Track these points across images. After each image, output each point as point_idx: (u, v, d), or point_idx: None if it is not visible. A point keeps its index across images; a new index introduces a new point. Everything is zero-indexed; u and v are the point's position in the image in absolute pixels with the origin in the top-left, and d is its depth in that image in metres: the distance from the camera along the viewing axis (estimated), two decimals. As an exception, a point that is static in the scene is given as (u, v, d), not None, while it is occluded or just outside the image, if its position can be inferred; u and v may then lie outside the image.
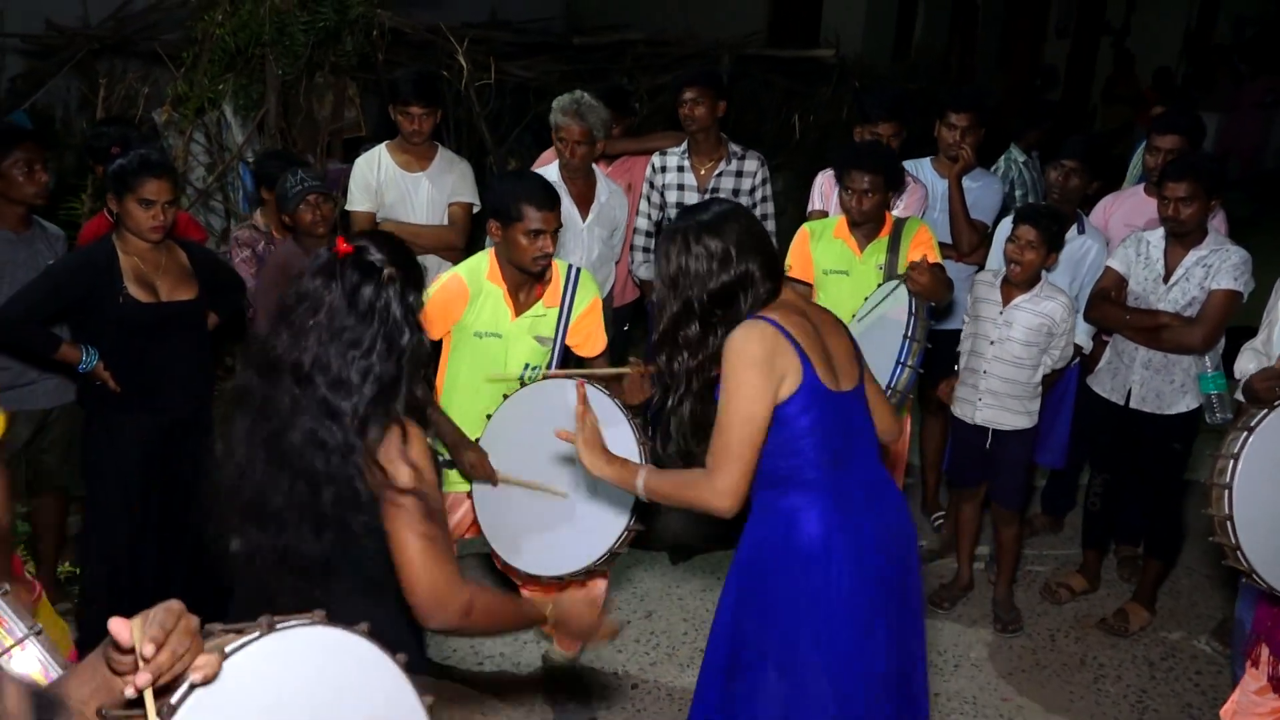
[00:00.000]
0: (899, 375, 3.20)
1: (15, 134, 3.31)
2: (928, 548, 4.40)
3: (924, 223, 3.70)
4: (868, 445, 2.36)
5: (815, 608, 2.24)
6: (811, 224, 3.81)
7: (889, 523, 2.32)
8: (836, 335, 2.34)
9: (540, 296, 3.11)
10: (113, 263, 3.10)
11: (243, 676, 1.19)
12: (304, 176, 3.43)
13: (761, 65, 8.08)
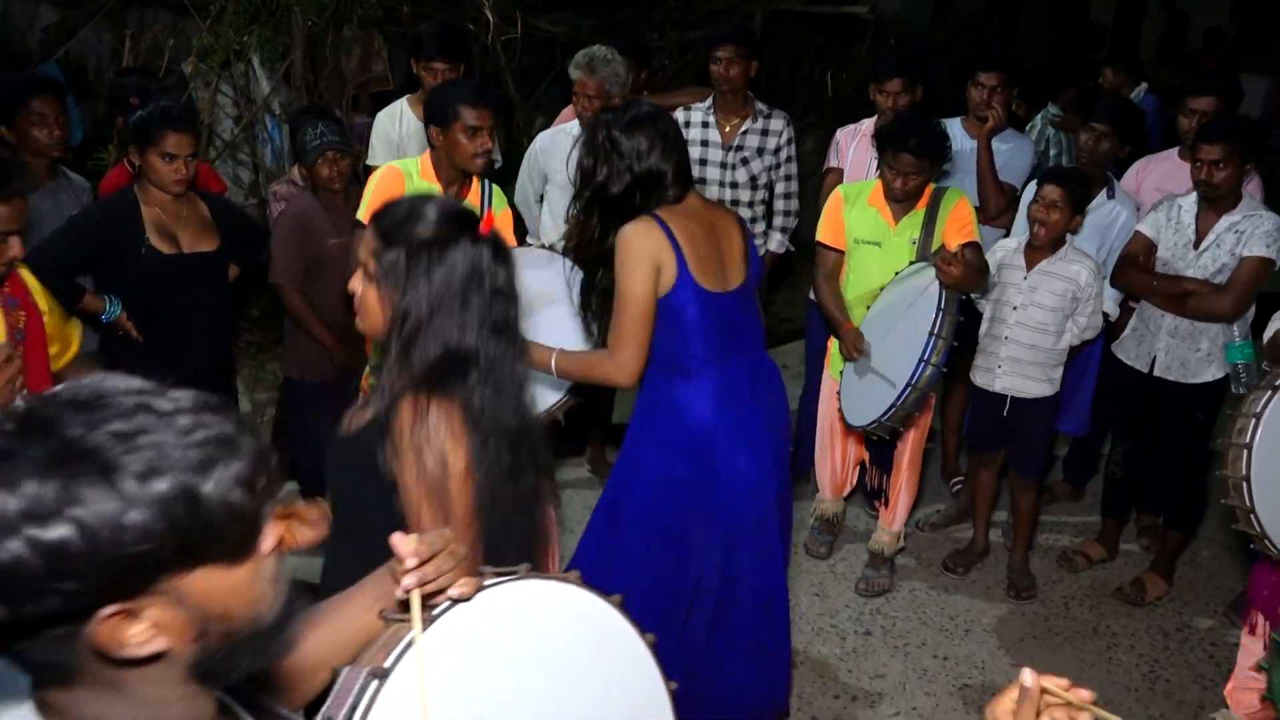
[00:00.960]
0: (921, 373, 3.16)
1: (31, 86, 3.33)
2: (945, 512, 4.39)
3: (964, 194, 3.57)
4: (752, 335, 2.73)
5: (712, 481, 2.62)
6: (847, 188, 3.72)
7: (771, 403, 2.73)
8: (736, 237, 2.67)
9: (466, 196, 3.22)
10: (135, 214, 3.13)
11: (498, 609, 1.33)
12: (323, 130, 3.44)
13: (795, 21, 7.94)
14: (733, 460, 2.67)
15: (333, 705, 1.22)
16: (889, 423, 3.27)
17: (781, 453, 2.81)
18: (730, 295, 2.64)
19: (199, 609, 0.93)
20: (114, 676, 0.93)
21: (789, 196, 4.37)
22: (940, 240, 3.43)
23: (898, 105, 4.00)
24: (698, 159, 4.27)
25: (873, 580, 3.87)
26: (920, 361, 3.16)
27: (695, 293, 2.55)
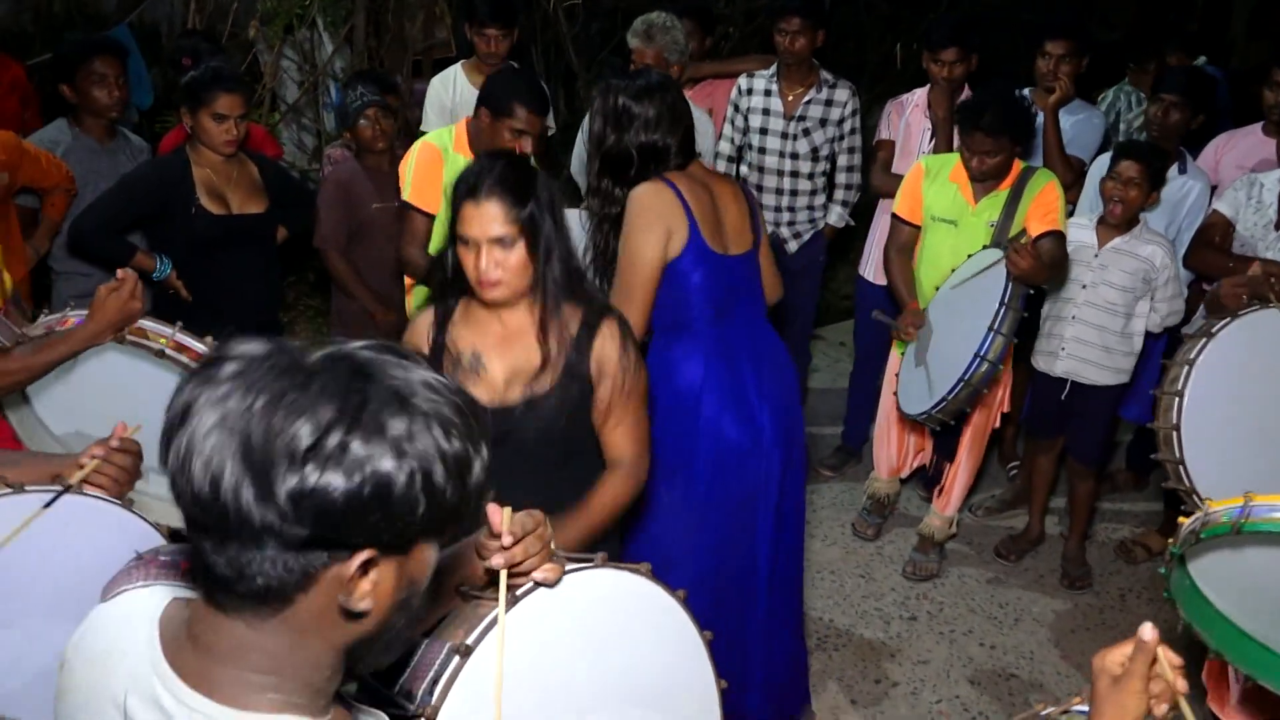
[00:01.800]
0: (975, 368, 3.06)
1: (94, 47, 3.36)
2: (1000, 497, 4.27)
3: (1054, 177, 3.38)
4: (752, 303, 2.72)
5: (693, 441, 2.61)
6: (929, 160, 3.57)
7: (770, 370, 2.70)
8: (734, 205, 2.67)
9: None
10: (186, 174, 3.15)
11: (574, 595, 1.37)
12: (363, 91, 3.42)
13: (866, -10, 7.74)
14: (718, 422, 2.62)
15: (411, 677, 1.24)
16: (939, 415, 3.17)
17: (785, 426, 2.73)
18: (734, 259, 2.64)
19: (411, 582, 0.94)
20: (309, 622, 0.90)
21: (851, 170, 4.26)
22: (1021, 225, 3.27)
23: (952, 75, 3.86)
24: (758, 128, 4.18)
25: (920, 564, 3.78)
26: (976, 357, 3.05)
27: (703, 255, 2.56)
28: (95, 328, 2.18)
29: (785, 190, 4.19)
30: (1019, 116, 3.33)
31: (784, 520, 2.82)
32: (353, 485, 0.84)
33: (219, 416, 0.84)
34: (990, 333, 3.05)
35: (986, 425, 3.60)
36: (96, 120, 3.40)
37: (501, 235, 1.95)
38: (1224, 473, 2.27)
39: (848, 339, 5.26)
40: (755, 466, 2.69)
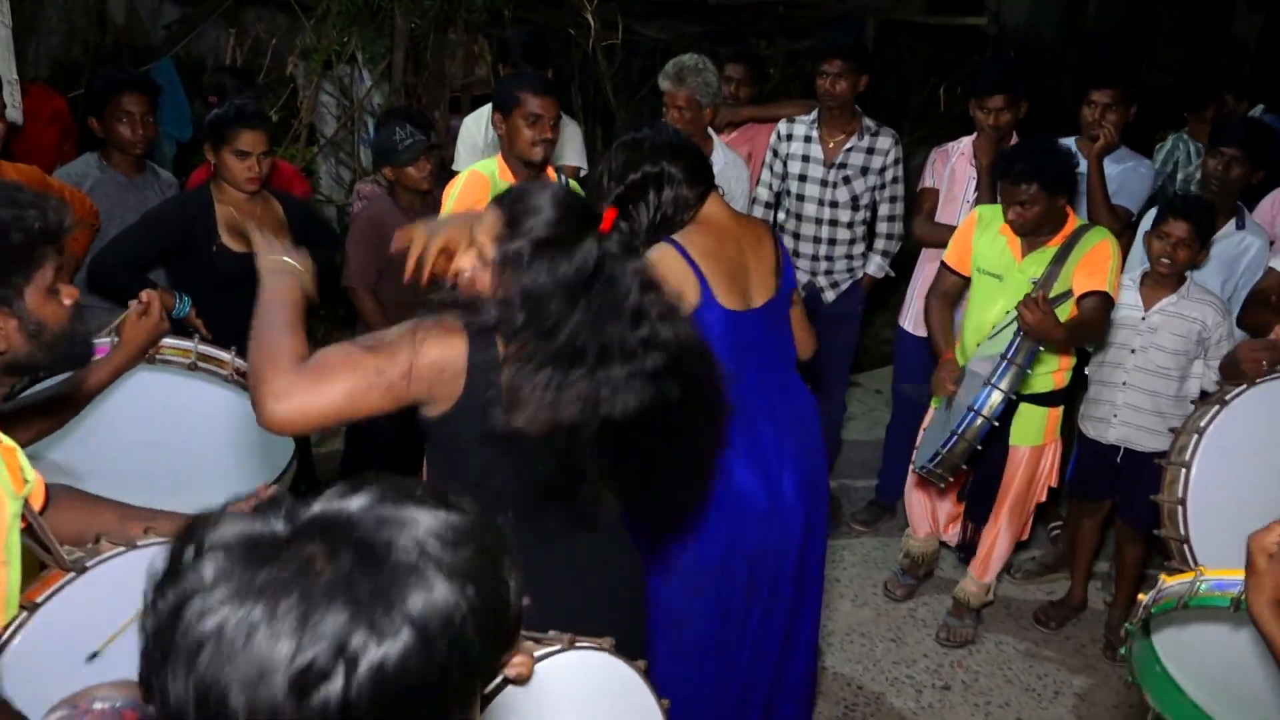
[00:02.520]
0: (969, 422, 2.95)
1: (122, 83, 3.35)
2: (1040, 560, 4.09)
3: (1109, 237, 3.20)
4: (772, 357, 2.60)
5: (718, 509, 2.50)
6: (984, 209, 3.43)
7: (793, 428, 2.59)
8: (759, 250, 2.57)
9: None
10: (208, 211, 3.12)
11: (540, 682, 1.36)
12: (412, 130, 3.37)
13: (908, 32, 7.66)
14: (734, 481, 2.51)
15: None
16: (937, 470, 3.04)
17: (808, 488, 2.62)
18: (754, 313, 2.54)
19: None
20: None
21: (893, 219, 4.13)
22: (1067, 284, 3.12)
23: (999, 122, 3.74)
24: (797, 174, 4.08)
25: (955, 630, 3.61)
26: (969, 410, 2.92)
27: (719, 314, 2.47)
28: (129, 352, 2.24)
29: (823, 239, 4.08)
30: (1051, 165, 3.16)
31: (802, 585, 2.71)
32: (378, 687, 0.76)
33: (213, 630, 0.76)
34: (987, 387, 2.93)
35: (1029, 494, 3.42)
36: (124, 156, 3.38)
37: (480, 244, 1.76)
38: (1232, 554, 2.11)
39: (885, 386, 5.12)
40: (773, 528, 2.59)
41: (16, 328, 1.48)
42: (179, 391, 2.39)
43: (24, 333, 1.49)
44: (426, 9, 5.06)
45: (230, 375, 2.43)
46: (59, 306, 1.53)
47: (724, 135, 4.47)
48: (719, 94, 3.87)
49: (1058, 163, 3.19)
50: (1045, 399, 3.28)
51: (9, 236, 1.43)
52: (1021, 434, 3.29)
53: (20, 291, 1.47)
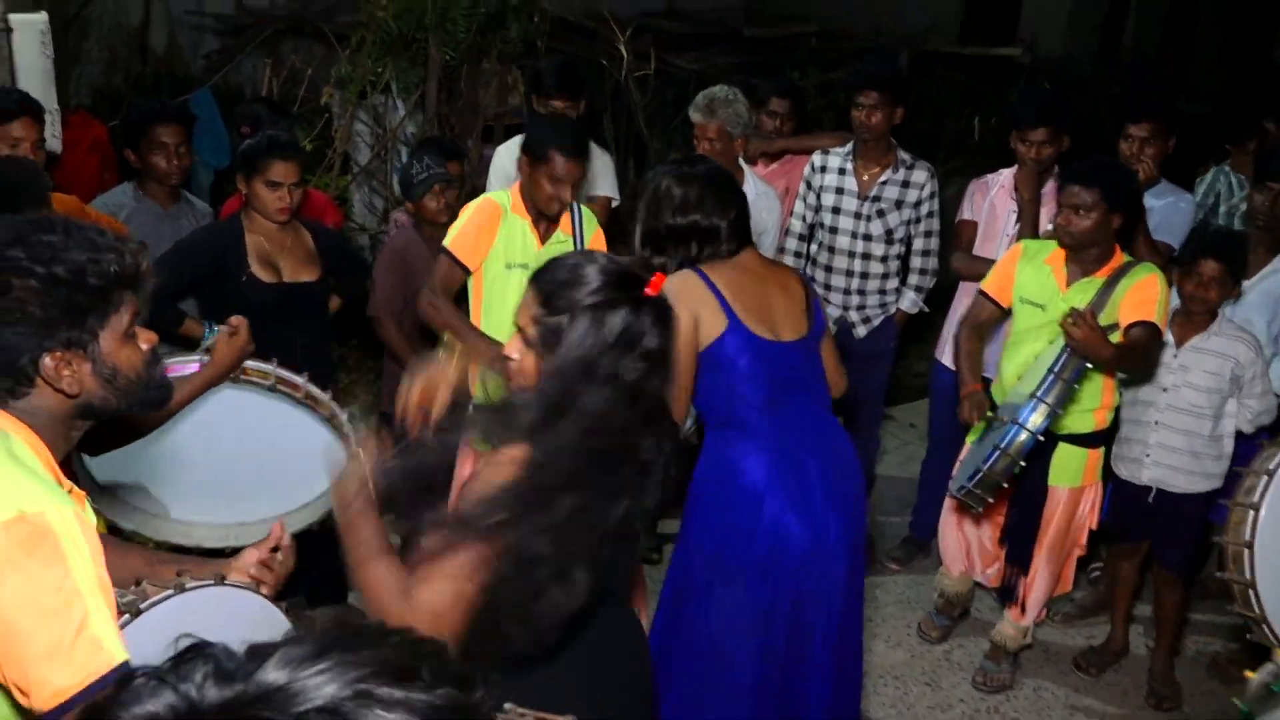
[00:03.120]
0: (1013, 437, 2.87)
1: (157, 114, 3.38)
2: (1080, 602, 3.98)
3: (1158, 272, 3.10)
4: (811, 392, 2.60)
5: (752, 543, 2.48)
6: (1029, 242, 3.38)
7: (837, 466, 2.56)
8: (787, 292, 2.60)
9: (558, 227, 3.27)
10: (239, 241, 3.12)
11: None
12: (429, 163, 3.37)
13: (942, 62, 7.61)
14: (781, 522, 2.49)
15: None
16: (977, 490, 2.97)
17: (852, 529, 2.58)
18: (785, 345, 2.55)
19: None
20: None
21: (928, 254, 4.06)
22: (1113, 318, 3.04)
23: (1041, 156, 3.66)
24: (830, 207, 4.04)
25: (992, 674, 3.51)
26: (1013, 424, 2.86)
27: (746, 339, 2.49)
28: (217, 370, 2.47)
29: (856, 272, 4.02)
30: (1118, 179, 3.11)
31: (846, 626, 2.66)
32: None
33: None
34: (1033, 400, 2.86)
35: (1066, 537, 3.33)
36: (159, 186, 3.41)
37: (521, 327, 1.74)
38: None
39: (919, 420, 5.04)
40: (818, 569, 2.54)
41: (90, 371, 1.47)
42: (257, 409, 2.60)
43: (98, 377, 1.48)
44: (460, 40, 5.08)
45: (303, 398, 2.61)
46: (135, 351, 1.52)
47: (761, 166, 4.45)
48: (750, 125, 3.85)
49: (1126, 181, 3.16)
50: (1085, 440, 3.19)
51: (85, 280, 1.42)
52: (1060, 474, 3.21)
53: (95, 335, 1.46)
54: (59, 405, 1.48)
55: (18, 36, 3.82)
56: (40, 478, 1.41)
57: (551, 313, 1.68)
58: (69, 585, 1.31)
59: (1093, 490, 3.29)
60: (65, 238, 1.44)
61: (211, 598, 1.65)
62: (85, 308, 1.44)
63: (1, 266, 1.39)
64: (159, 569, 1.69)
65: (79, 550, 1.34)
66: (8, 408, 1.45)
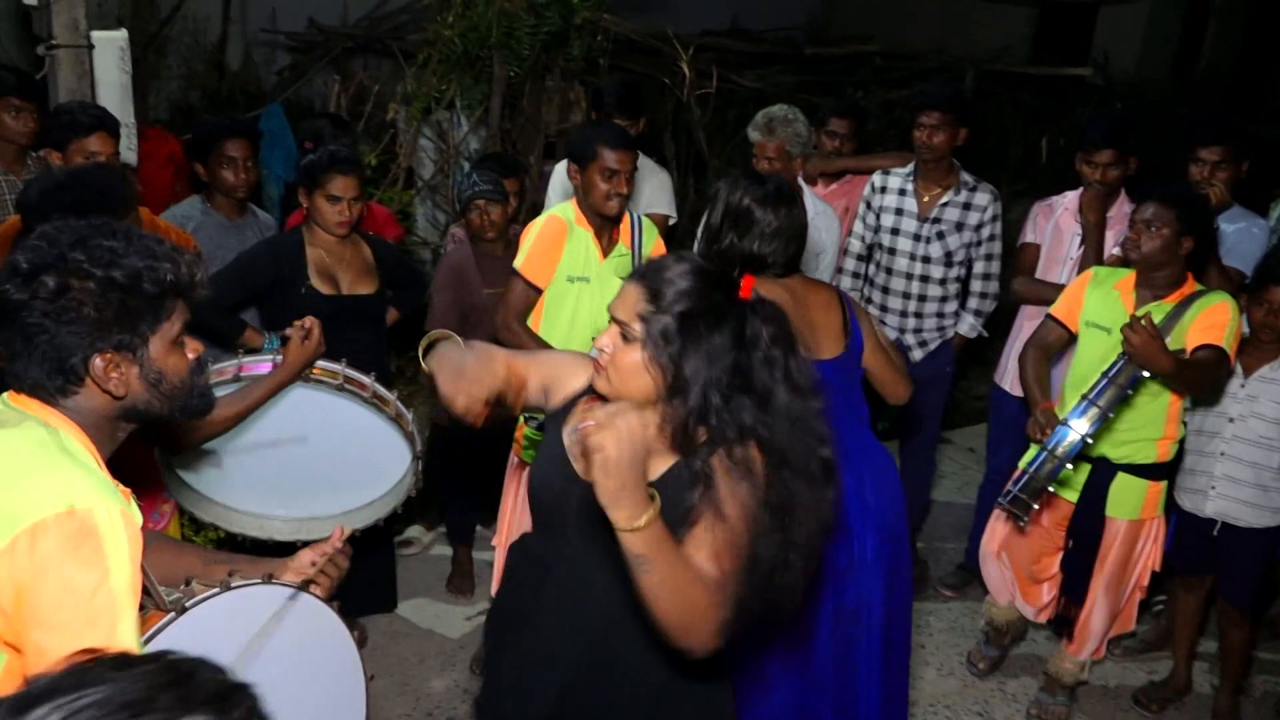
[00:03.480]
0: (1062, 438, 2.84)
1: (224, 130, 3.47)
2: (1142, 636, 3.87)
3: (1230, 299, 3.02)
4: (848, 409, 2.58)
5: None
6: (1100, 268, 3.32)
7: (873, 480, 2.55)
8: (826, 311, 2.61)
9: (617, 239, 3.29)
10: (299, 254, 3.18)
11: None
12: (475, 180, 3.41)
13: (1010, 82, 7.50)
14: None
15: None
16: (1022, 495, 2.91)
17: (890, 542, 2.57)
18: (823, 364, 2.52)
19: None
20: None
21: (988, 278, 3.99)
22: (1181, 342, 2.96)
23: (1107, 178, 3.60)
24: (889, 227, 3.99)
25: (1047, 708, 3.42)
26: (1063, 424, 2.82)
27: None
28: (289, 370, 2.65)
29: (913, 294, 3.97)
30: (1191, 202, 3.05)
31: (891, 645, 2.63)
32: None
33: None
34: (1084, 401, 2.82)
35: (1125, 572, 3.22)
36: (226, 198, 3.49)
37: (625, 322, 1.69)
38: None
39: (978, 444, 4.96)
40: (855, 585, 2.53)
41: (137, 375, 1.51)
42: (327, 407, 2.73)
43: (144, 380, 1.52)
44: (524, 58, 5.14)
45: (370, 397, 2.73)
46: (182, 358, 1.56)
47: (821, 186, 4.42)
48: (809, 144, 3.83)
49: (1200, 205, 3.10)
50: (1146, 471, 3.11)
51: (140, 286, 1.46)
52: (1118, 505, 3.13)
53: (146, 340, 1.50)
54: (105, 406, 1.52)
55: (98, 53, 3.96)
56: (92, 472, 1.44)
57: (660, 311, 1.65)
58: (105, 590, 1.34)
59: (1153, 525, 3.19)
60: (125, 244, 1.48)
61: (258, 597, 1.68)
62: (138, 312, 1.48)
63: (62, 268, 1.44)
64: (213, 568, 1.73)
65: (120, 551, 1.37)
66: (57, 405, 1.50)
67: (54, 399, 1.49)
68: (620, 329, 1.69)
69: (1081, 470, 3.08)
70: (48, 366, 1.47)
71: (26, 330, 1.45)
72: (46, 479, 1.38)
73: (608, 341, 1.71)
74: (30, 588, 1.32)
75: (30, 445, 1.42)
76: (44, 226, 1.52)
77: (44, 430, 1.45)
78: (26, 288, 1.43)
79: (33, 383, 1.48)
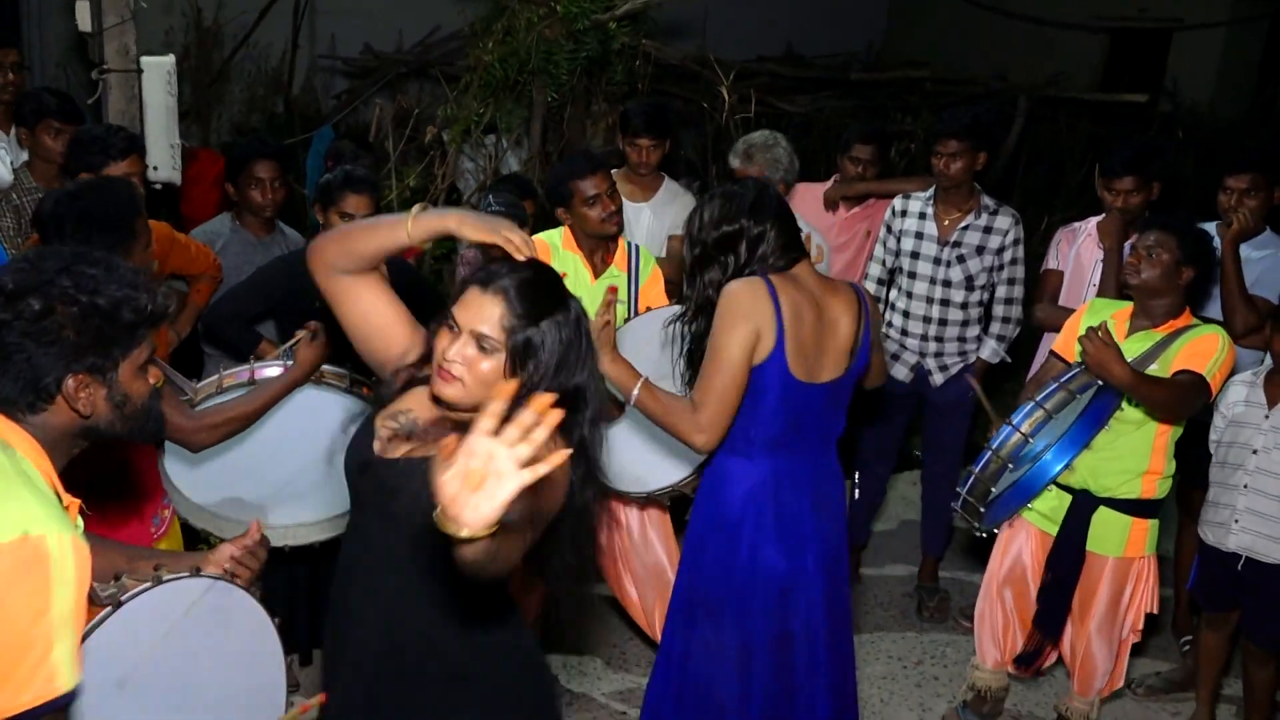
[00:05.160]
0: (1006, 437, 2.79)
1: (255, 151, 3.60)
2: (1167, 676, 3.74)
3: (1222, 333, 2.96)
4: (823, 433, 2.56)
5: (729, 571, 2.51)
6: (1098, 301, 3.29)
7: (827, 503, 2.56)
8: (844, 318, 2.52)
9: (612, 262, 3.33)
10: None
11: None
12: (493, 202, 3.48)
13: (1067, 108, 7.37)
14: (759, 551, 2.49)
15: None
16: (969, 497, 2.87)
17: (830, 556, 2.58)
18: (816, 388, 2.49)
19: None
20: None
21: (1010, 302, 3.93)
22: (1165, 371, 2.89)
23: (1127, 205, 3.54)
24: (910, 251, 3.97)
25: (1060, 747, 3.32)
26: (1007, 425, 2.79)
27: (782, 378, 2.44)
28: (301, 371, 2.77)
29: (934, 318, 3.93)
30: (1196, 231, 3.03)
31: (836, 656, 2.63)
32: None
33: None
34: (1031, 403, 2.78)
35: (1116, 612, 3.11)
36: (254, 217, 3.62)
37: (485, 334, 1.72)
38: None
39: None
40: (798, 600, 2.55)
41: (105, 396, 1.59)
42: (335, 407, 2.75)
43: (110, 402, 1.59)
44: (563, 83, 5.23)
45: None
46: (145, 383, 1.64)
47: (844, 210, 4.41)
48: (791, 169, 3.84)
49: (1201, 235, 3.05)
50: (1130, 506, 3.01)
51: (120, 314, 1.55)
52: (1100, 541, 3.04)
53: (116, 365, 1.58)
54: (69, 423, 1.59)
55: (147, 77, 4.14)
56: (47, 498, 1.49)
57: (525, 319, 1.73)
58: (47, 617, 1.39)
59: (1144, 565, 3.09)
60: (107, 273, 1.57)
61: (186, 589, 1.77)
62: (113, 339, 1.56)
63: (47, 292, 1.52)
64: (138, 564, 1.80)
65: (66, 579, 1.41)
66: (21, 422, 1.56)
67: (21, 415, 1.56)
68: (476, 339, 1.72)
69: (1063, 500, 3.01)
70: (21, 384, 1.53)
71: (4, 348, 1.51)
72: (4, 506, 1.42)
73: (458, 354, 1.73)
74: None
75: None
76: (29, 251, 1.61)
77: (2, 454, 1.50)
78: (10, 308, 1.51)
79: (3, 398, 1.54)
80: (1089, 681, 3.21)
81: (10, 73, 3.90)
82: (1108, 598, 3.08)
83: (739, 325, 2.39)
